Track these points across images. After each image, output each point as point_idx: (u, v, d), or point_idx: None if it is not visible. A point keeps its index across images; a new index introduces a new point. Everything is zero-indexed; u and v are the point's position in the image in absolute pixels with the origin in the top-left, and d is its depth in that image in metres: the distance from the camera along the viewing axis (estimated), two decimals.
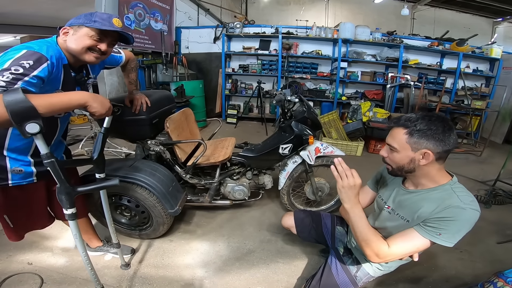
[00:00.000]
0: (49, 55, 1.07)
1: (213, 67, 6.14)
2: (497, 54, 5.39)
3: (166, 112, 2.04)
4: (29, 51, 1.02)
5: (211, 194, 2.19)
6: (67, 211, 1.12)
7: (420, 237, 1.04)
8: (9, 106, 0.85)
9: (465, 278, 1.81)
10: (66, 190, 1.08)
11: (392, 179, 1.32)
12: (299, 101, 2.21)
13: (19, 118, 0.87)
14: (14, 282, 1.62)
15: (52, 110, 0.98)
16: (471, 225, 1.01)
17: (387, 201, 1.27)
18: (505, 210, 2.77)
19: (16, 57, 0.97)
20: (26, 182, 1.29)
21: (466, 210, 0.99)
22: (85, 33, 1.16)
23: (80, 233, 1.22)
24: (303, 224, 1.71)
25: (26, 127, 0.88)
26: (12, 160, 1.21)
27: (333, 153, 2.22)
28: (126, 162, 1.85)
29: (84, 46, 1.17)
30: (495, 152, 4.84)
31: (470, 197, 1.04)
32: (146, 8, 4.72)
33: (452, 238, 1.01)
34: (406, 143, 1.05)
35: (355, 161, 3.70)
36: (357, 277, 1.38)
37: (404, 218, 1.15)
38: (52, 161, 1.01)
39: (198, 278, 1.74)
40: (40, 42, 1.11)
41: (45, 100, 0.95)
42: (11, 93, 0.86)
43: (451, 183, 1.09)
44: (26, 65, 0.97)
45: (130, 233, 2.01)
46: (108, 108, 1.19)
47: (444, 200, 1.03)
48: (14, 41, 9.26)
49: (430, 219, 1.03)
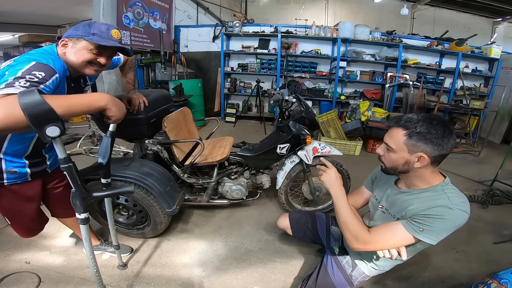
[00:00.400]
0: (56, 68, 1.06)
1: (212, 66, 6.14)
2: (496, 54, 5.41)
3: (164, 112, 2.04)
4: (38, 63, 1.00)
5: (209, 194, 2.19)
6: (80, 215, 1.10)
7: (403, 230, 1.06)
8: (26, 109, 0.79)
9: (461, 279, 1.82)
10: (82, 195, 1.05)
11: (385, 179, 1.33)
12: (296, 101, 2.22)
13: (38, 121, 0.81)
14: (12, 281, 1.62)
15: (71, 112, 0.95)
16: (458, 226, 1.02)
17: (381, 200, 1.29)
18: (502, 210, 2.77)
19: (27, 68, 0.96)
20: (21, 181, 1.29)
21: (453, 210, 0.99)
22: (84, 46, 1.14)
23: (90, 237, 1.19)
24: (298, 225, 1.72)
25: (46, 130, 0.83)
26: (7, 162, 1.21)
27: (331, 153, 2.22)
28: (123, 162, 1.85)
29: (84, 60, 1.16)
30: (493, 152, 4.85)
31: (461, 198, 1.05)
32: (145, 7, 4.71)
33: (434, 235, 1.02)
34: (403, 144, 1.05)
35: (353, 161, 3.71)
36: (352, 277, 1.39)
37: (395, 217, 1.16)
38: (70, 166, 0.96)
39: (196, 277, 1.75)
40: (44, 55, 1.09)
41: (65, 101, 0.92)
42: (26, 95, 0.81)
43: (443, 185, 1.10)
44: (39, 76, 0.96)
45: (128, 232, 2.01)
46: (125, 113, 1.18)
47: (434, 200, 1.04)
48: (12, 39, 9.24)
49: (417, 215, 1.04)
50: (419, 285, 1.77)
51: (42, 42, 6.34)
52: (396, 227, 1.09)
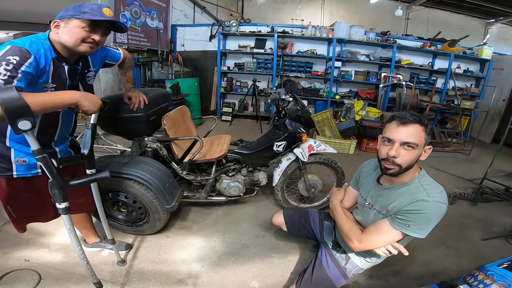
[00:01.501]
0: (32, 49, 1.08)
1: (208, 65, 6.13)
2: (487, 55, 5.49)
3: (163, 110, 2.07)
4: (13, 46, 1.03)
5: (207, 190, 2.23)
6: (60, 205, 1.14)
7: (391, 228, 1.14)
8: (3, 104, 0.87)
9: (451, 273, 1.88)
10: (59, 184, 1.10)
11: (368, 177, 1.41)
12: (293, 100, 2.27)
13: (12, 115, 0.89)
14: (12, 279, 1.62)
15: (44, 108, 1.02)
16: (439, 216, 1.08)
17: (367, 198, 1.36)
18: (491, 207, 2.85)
19: (1, 53, 0.99)
20: (31, 175, 1.31)
21: (430, 203, 1.06)
22: (76, 24, 1.16)
23: (73, 228, 1.23)
24: (292, 221, 1.78)
25: (18, 124, 0.91)
26: (16, 151, 1.24)
27: (325, 151, 2.28)
28: (123, 159, 1.87)
29: (78, 38, 1.17)
30: (484, 151, 4.95)
31: (437, 189, 1.12)
32: (142, 6, 4.69)
33: (421, 229, 1.09)
34: (424, 139, 1.10)
35: (347, 159, 3.76)
36: (346, 269, 1.44)
37: (380, 212, 1.24)
38: (44, 156, 1.03)
39: (195, 272, 1.78)
40: (24, 38, 1.12)
41: (38, 99, 0.98)
42: (5, 91, 0.89)
43: (419, 177, 1.17)
44: (13, 61, 0.99)
45: (127, 230, 2.03)
46: (99, 105, 1.22)
47: (412, 194, 1.12)
48: (6, 37, 9.11)
49: (400, 212, 1.11)
50: (411, 280, 1.83)
51: None
52: (384, 226, 1.17)
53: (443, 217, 1.09)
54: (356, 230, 1.27)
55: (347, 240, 1.28)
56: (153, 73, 5.11)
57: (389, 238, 1.17)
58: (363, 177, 1.46)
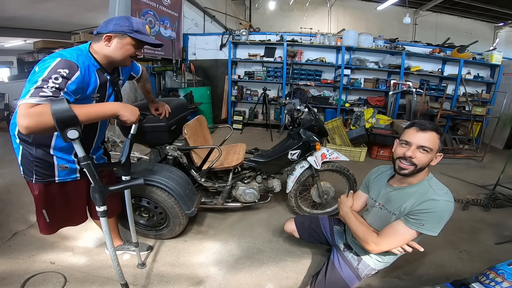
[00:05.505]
0: (79, 62, 1.19)
1: (219, 74, 6.26)
2: (497, 60, 5.46)
3: (182, 119, 2.17)
4: (62, 59, 1.13)
5: (224, 197, 2.31)
6: (99, 208, 1.24)
7: (406, 229, 1.23)
8: (55, 114, 0.97)
9: (464, 276, 1.86)
10: (100, 189, 1.20)
11: (378, 181, 1.52)
12: (307, 110, 2.35)
13: (62, 125, 1.00)
14: (39, 281, 1.68)
15: (89, 119, 1.12)
16: (449, 214, 1.19)
17: (377, 199, 1.46)
18: (504, 213, 2.86)
19: (53, 66, 1.09)
20: (71, 179, 1.41)
21: (440, 201, 1.18)
22: (129, 42, 1.29)
23: (109, 230, 1.33)
24: (304, 227, 1.86)
25: (67, 133, 1.01)
26: (58, 159, 1.34)
27: (338, 159, 2.34)
28: (147, 166, 1.97)
29: (129, 54, 1.31)
30: (496, 157, 4.91)
31: (444, 189, 1.25)
32: (156, 16, 4.83)
33: (434, 227, 1.19)
34: (438, 146, 1.24)
35: (358, 167, 3.78)
36: (359, 269, 1.50)
37: (391, 212, 1.34)
38: (88, 163, 1.13)
39: (212, 275, 1.84)
40: (70, 50, 1.22)
41: (84, 110, 1.08)
42: (57, 103, 0.98)
43: (428, 179, 1.30)
44: (63, 73, 1.09)
45: (147, 234, 2.12)
46: (138, 116, 1.32)
47: (422, 194, 1.23)
48: (24, 45, 9.42)
49: (412, 212, 1.22)
50: (424, 282, 1.86)
51: (56, 48, 6.37)
52: (399, 227, 1.26)
53: (456, 222, 1.17)
54: (371, 234, 1.34)
55: (364, 244, 1.34)
56: (166, 81, 5.23)
57: (405, 238, 1.25)
58: (373, 180, 1.57)
